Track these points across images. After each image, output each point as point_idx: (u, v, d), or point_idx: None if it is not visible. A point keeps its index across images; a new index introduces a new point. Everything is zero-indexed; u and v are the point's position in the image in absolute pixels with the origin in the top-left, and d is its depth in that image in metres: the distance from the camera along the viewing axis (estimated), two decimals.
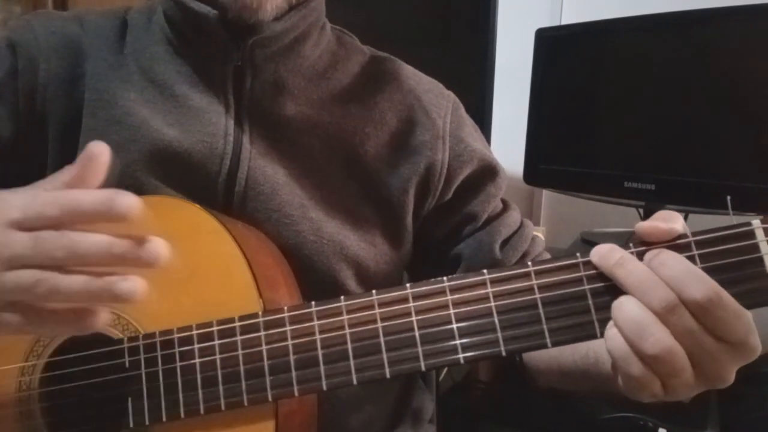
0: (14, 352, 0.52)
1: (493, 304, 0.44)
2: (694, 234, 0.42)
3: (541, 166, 1.20)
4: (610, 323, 0.41)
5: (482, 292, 0.45)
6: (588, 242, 1.17)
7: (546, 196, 1.41)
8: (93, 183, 0.40)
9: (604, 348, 0.44)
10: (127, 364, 0.48)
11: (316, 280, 0.58)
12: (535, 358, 0.62)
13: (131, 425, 0.48)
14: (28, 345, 0.51)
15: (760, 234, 0.40)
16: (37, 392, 0.51)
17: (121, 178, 0.57)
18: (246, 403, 0.46)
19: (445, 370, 1.17)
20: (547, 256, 0.70)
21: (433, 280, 0.46)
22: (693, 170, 1.00)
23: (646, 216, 1.13)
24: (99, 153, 0.39)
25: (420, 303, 0.45)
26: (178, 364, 0.47)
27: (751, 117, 0.94)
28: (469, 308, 0.44)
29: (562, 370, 0.58)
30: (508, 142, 1.22)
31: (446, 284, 0.45)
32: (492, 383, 1.08)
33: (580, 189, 1.17)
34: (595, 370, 0.51)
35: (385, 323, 0.45)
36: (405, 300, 0.45)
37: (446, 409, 0.98)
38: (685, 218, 1.05)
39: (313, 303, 0.47)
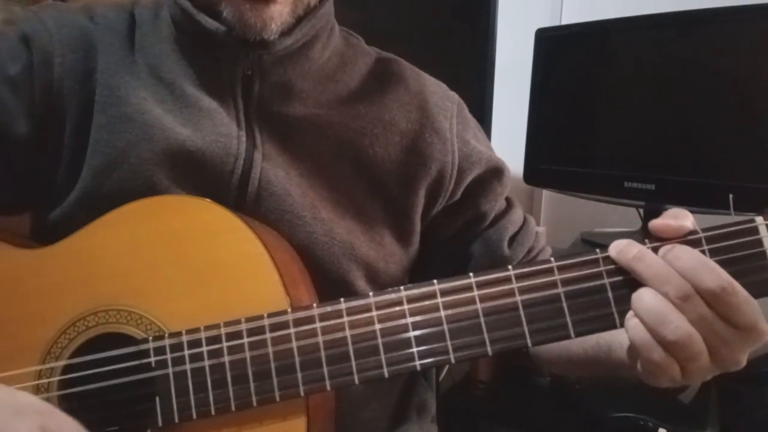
0: (28, 355, 0.51)
1: (518, 298, 0.46)
2: (703, 230, 0.44)
3: (541, 166, 1.20)
4: (630, 314, 0.44)
5: (507, 287, 0.46)
6: (588, 242, 1.17)
7: (546, 196, 1.41)
8: None
9: (617, 337, 0.48)
10: (153, 364, 0.48)
11: (326, 281, 0.58)
12: (543, 347, 0.63)
13: (160, 424, 0.48)
14: (44, 346, 0.51)
15: (763, 230, 0.43)
16: (56, 395, 0.50)
17: (133, 177, 0.57)
18: (278, 399, 0.47)
19: (446, 369, 1.17)
20: (549, 250, 0.72)
21: (459, 276, 0.47)
22: (693, 170, 1.00)
23: (646, 216, 1.13)
24: None
25: (447, 298, 0.46)
26: (207, 362, 0.47)
27: (751, 117, 0.94)
28: (495, 303, 0.46)
29: (570, 358, 0.60)
30: (508, 142, 1.22)
31: (473, 280, 0.46)
32: (492, 383, 1.08)
33: (580, 189, 1.18)
34: (608, 358, 0.54)
35: (414, 318, 0.46)
36: (433, 296, 0.46)
37: (447, 408, 0.98)
38: None
39: (341, 300, 0.48)
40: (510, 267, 0.46)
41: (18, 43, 0.58)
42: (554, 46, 1.16)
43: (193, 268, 0.51)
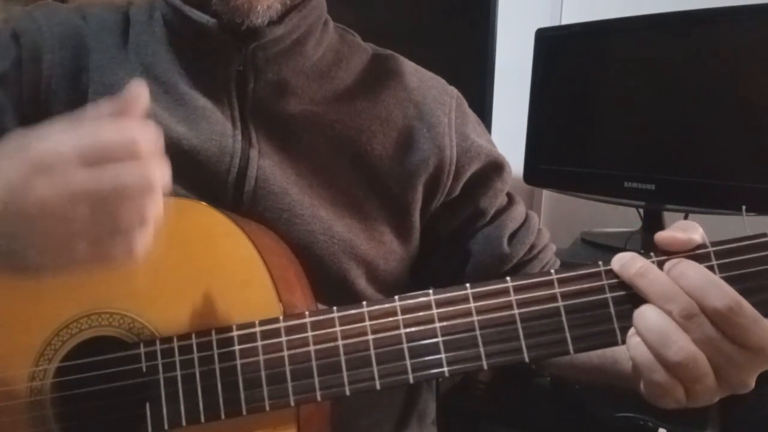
0: (23, 356, 0.51)
1: (516, 311, 0.44)
2: (712, 244, 0.43)
3: (541, 166, 1.20)
4: (632, 331, 0.42)
5: (505, 299, 0.45)
6: (588, 242, 1.17)
7: (546, 196, 1.41)
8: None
9: (625, 350, 0.45)
10: (144, 369, 0.48)
11: (326, 280, 0.58)
12: None
13: (149, 430, 0.47)
14: (38, 348, 0.51)
15: None
16: (49, 397, 0.50)
17: None
18: (268, 408, 0.46)
19: None
20: (553, 247, 0.71)
21: (455, 287, 0.46)
22: (693, 170, 1.00)
23: (646, 216, 1.13)
24: (138, 95, 0.40)
25: (443, 310, 0.45)
26: (198, 369, 0.47)
27: (751, 117, 0.94)
28: (492, 315, 0.45)
29: (574, 365, 0.59)
30: (508, 142, 1.21)
31: (469, 291, 0.45)
32: (492, 383, 1.07)
33: (580, 189, 1.17)
34: (614, 370, 0.53)
35: (408, 330, 0.45)
36: (428, 307, 0.45)
37: (446, 409, 0.98)
38: (685, 218, 1.05)
39: (335, 308, 0.47)
40: (508, 279, 0.45)
41: (9, 39, 0.58)
42: (554, 46, 1.16)
43: (186, 273, 0.50)
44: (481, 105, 1.17)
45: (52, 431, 0.50)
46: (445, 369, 0.44)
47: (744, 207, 0.48)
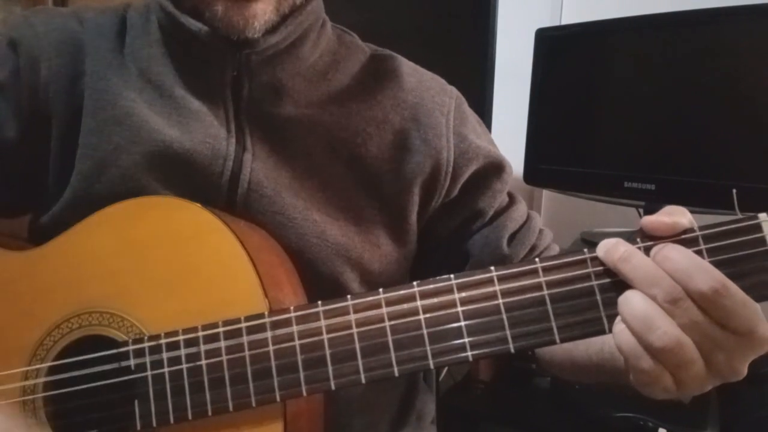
0: (17, 356, 0.52)
1: (501, 301, 0.44)
2: (701, 228, 0.42)
3: (541, 166, 1.20)
4: (618, 318, 0.41)
5: (490, 289, 0.44)
6: (588, 242, 1.17)
7: (546, 196, 1.41)
8: None
9: None
10: (132, 367, 0.48)
11: (319, 283, 0.58)
12: (548, 350, 0.62)
13: (138, 427, 0.47)
14: (30, 349, 0.52)
15: (767, 228, 0.40)
16: (42, 396, 0.51)
17: (122, 181, 0.57)
18: (254, 404, 0.46)
19: (445, 369, 1.17)
20: (556, 248, 0.69)
21: (440, 278, 0.45)
22: (693, 170, 1.00)
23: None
24: None
25: (427, 301, 0.45)
26: (185, 366, 0.47)
27: (751, 117, 0.94)
28: (476, 306, 0.44)
29: (574, 363, 0.58)
30: (508, 142, 1.21)
31: (453, 282, 0.45)
32: (492, 383, 1.07)
33: (580, 189, 1.17)
34: (610, 365, 0.51)
35: (393, 322, 0.45)
36: (412, 298, 0.45)
37: (446, 409, 0.98)
38: None
39: (319, 302, 0.47)
40: (492, 268, 0.45)
41: (6, 47, 0.58)
42: (554, 46, 1.16)
43: (174, 271, 0.51)
44: (481, 105, 1.17)
45: (45, 429, 0.50)
46: (431, 361, 0.44)
47: (734, 191, 0.47)
